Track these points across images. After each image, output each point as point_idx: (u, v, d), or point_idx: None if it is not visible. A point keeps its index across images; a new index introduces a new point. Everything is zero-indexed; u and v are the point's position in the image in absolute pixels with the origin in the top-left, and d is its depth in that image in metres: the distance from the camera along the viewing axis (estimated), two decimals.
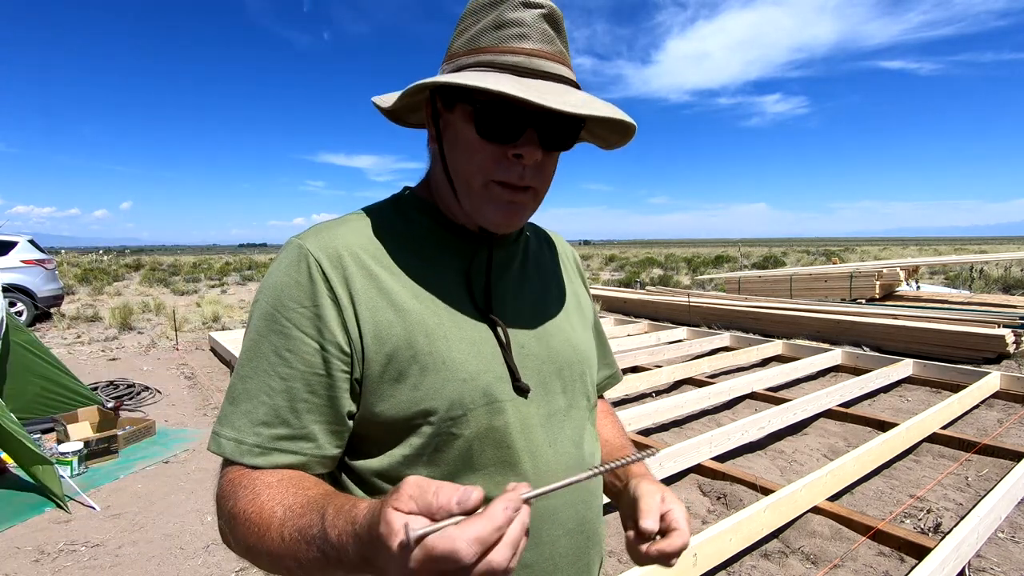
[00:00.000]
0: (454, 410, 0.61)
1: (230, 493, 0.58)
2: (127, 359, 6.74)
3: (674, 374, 5.09)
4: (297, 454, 0.60)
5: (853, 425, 4.00)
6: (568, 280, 0.82)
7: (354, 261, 0.63)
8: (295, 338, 0.59)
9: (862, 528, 2.52)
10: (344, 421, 0.62)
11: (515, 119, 0.59)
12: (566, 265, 0.85)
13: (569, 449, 0.69)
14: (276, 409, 0.59)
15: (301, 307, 0.60)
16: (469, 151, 0.62)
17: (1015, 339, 5.77)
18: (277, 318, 0.60)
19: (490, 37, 0.61)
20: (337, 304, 0.60)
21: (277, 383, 0.59)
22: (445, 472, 0.61)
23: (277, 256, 0.65)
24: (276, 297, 0.61)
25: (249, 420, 0.59)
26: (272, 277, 0.62)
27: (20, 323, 4.04)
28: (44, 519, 2.84)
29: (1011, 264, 16.53)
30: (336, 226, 0.66)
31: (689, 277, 18.84)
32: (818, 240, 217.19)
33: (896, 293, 10.23)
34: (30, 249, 8.98)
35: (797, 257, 29.89)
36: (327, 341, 0.59)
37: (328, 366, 0.59)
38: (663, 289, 12.40)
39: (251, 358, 0.61)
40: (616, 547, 2.51)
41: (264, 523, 0.54)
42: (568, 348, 0.72)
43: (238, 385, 0.61)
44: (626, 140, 0.69)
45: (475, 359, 0.63)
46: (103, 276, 19.99)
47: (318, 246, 0.62)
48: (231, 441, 0.59)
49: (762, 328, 7.90)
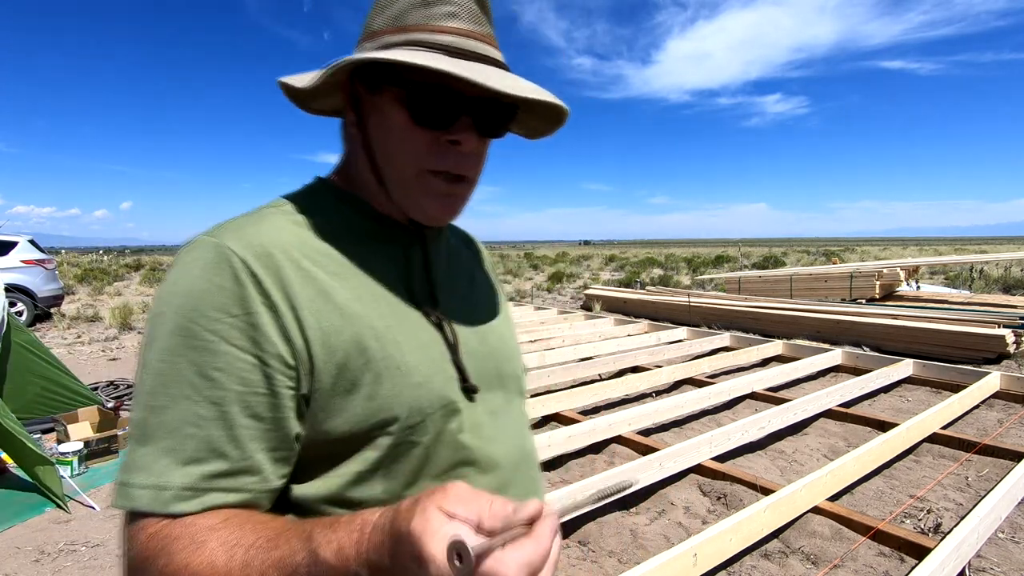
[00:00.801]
0: (413, 417, 0.56)
1: (157, 551, 0.46)
2: (127, 359, 6.75)
3: (674, 374, 5.09)
4: (239, 491, 0.50)
5: (853, 425, 4.00)
6: (490, 276, 0.80)
7: (287, 260, 0.54)
8: (225, 353, 0.49)
9: (862, 528, 2.52)
10: (292, 445, 0.53)
11: (451, 103, 0.55)
12: (486, 260, 0.82)
13: (516, 444, 0.67)
14: (209, 441, 0.49)
15: (229, 316, 0.50)
16: (400, 138, 0.57)
17: (1015, 339, 5.77)
18: (196, 331, 0.49)
19: (418, 15, 0.56)
20: (274, 310, 0.51)
21: (207, 410, 0.49)
22: (402, 483, 0.56)
23: (178, 259, 0.54)
24: (192, 307, 0.50)
25: (173, 460, 0.48)
26: (180, 284, 0.51)
27: (20, 323, 4.04)
28: (44, 519, 2.84)
29: (1011, 264, 16.53)
30: (256, 221, 0.57)
31: (689, 277, 18.84)
32: (818, 240, 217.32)
33: (896, 293, 10.23)
34: (30, 249, 8.98)
35: (797, 257, 29.89)
36: (267, 354, 0.51)
37: (271, 383, 0.51)
38: (663, 289, 12.40)
39: (165, 384, 0.49)
40: (616, 547, 2.51)
41: (222, 572, 0.44)
42: (503, 345, 0.71)
43: (150, 419, 0.49)
44: (553, 129, 0.66)
45: (427, 362, 0.59)
46: (103, 276, 19.99)
47: (241, 244, 0.53)
48: (147, 489, 0.47)
49: (762, 328, 7.90)
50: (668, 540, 2.56)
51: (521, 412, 0.73)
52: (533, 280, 19.81)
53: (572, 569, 2.37)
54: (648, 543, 2.54)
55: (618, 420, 3.61)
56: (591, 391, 4.35)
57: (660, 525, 2.70)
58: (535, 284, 17.72)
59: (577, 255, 41.95)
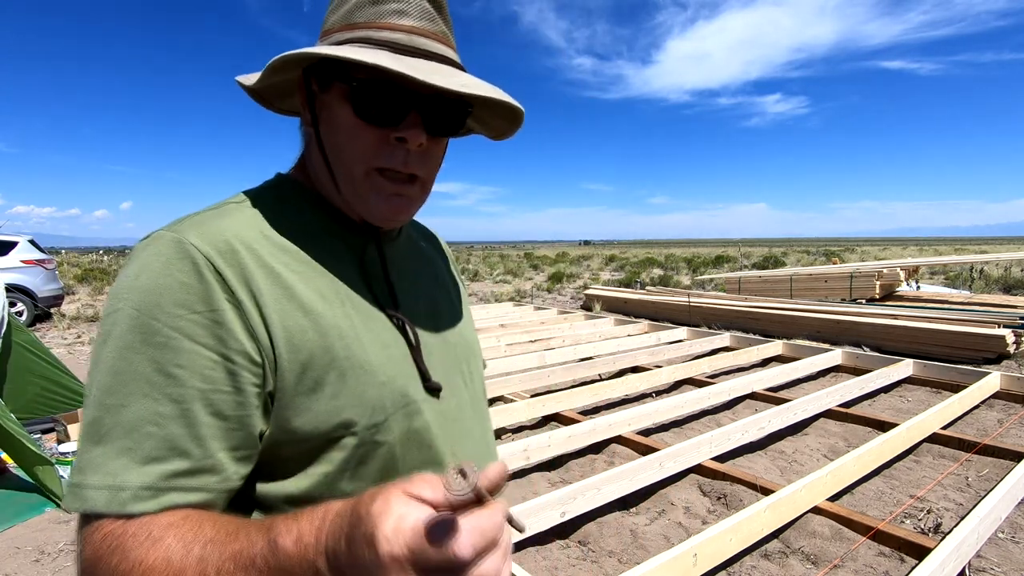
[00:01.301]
0: (376, 416, 0.55)
1: (111, 549, 0.44)
2: None
3: (674, 374, 5.08)
4: (199, 491, 0.48)
5: (853, 425, 3.99)
6: (451, 271, 0.81)
7: (251, 256, 0.53)
8: (186, 351, 0.48)
9: (862, 528, 2.51)
10: (255, 444, 0.52)
11: (397, 100, 0.55)
12: (447, 255, 0.83)
13: (481, 440, 0.68)
14: (170, 440, 0.47)
15: (192, 312, 0.49)
16: (348, 135, 0.57)
17: (1015, 339, 5.77)
18: (156, 328, 0.48)
19: (366, 12, 0.57)
20: (239, 307, 0.50)
21: (168, 407, 0.47)
22: (371, 484, 0.53)
23: (135, 254, 0.52)
24: (152, 302, 0.48)
25: (130, 459, 0.46)
26: (139, 279, 0.49)
27: (20, 323, 4.04)
28: (44, 519, 2.84)
29: (1011, 264, 16.53)
30: (218, 217, 0.56)
31: (689, 277, 18.84)
32: (818, 240, 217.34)
33: (896, 293, 10.23)
34: (30, 249, 8.98)
35: (797, 257, 29.89)
36: (232, 351, 0.49)
37: (236, 380, 0.50)
38: (663, 289, 12.40)
39: (122, 382, 0.47)
40: (616, 547, 2.51)
41: (176, 568, 0.43)
42: (463, 342, 0.71)
43: (105, 419, 0.47)
44: (514, 129, 0.66)
45: (389, 361, 0.58)
46: (103, 276, 20.00)
47: (204, 239, 0.51)
48: (103, 490, 0.45)
49: (762, 328, 7.90)
50: (668, 540, 2.56)
51: (485, 408, 0.74)
52: (533, 280, 19.81)
53: (572, 569, 2.37)
54: (648, 543, 2.54)
55: (618, 420, 3.61)
56: (591, 391, 4.35)
57: (660, 525, 2.70)
58: (535, 284, 17.72)
59: (577, 255, 41.96)
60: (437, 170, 0.63)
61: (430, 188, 0.63)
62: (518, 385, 4.70)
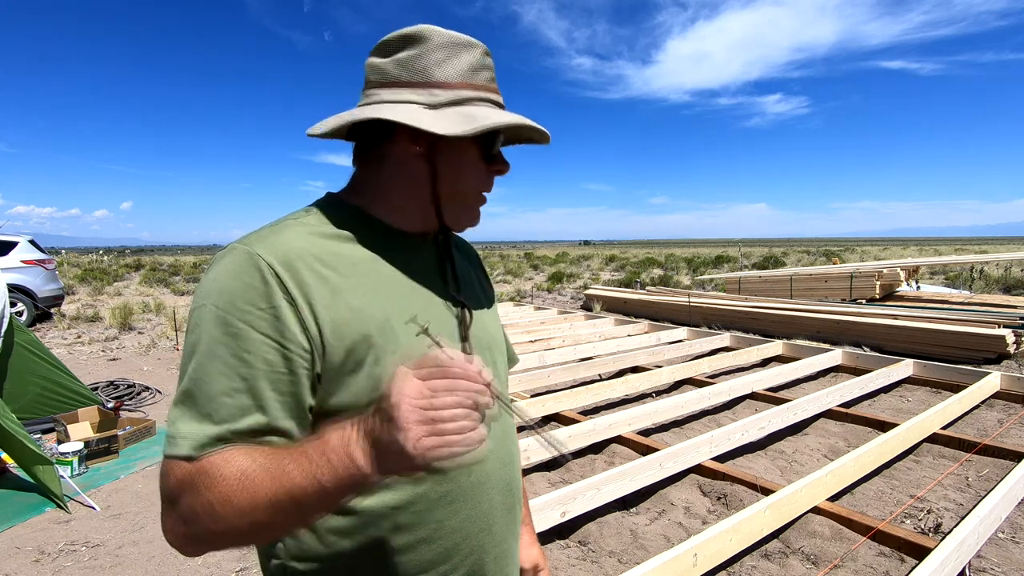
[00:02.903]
0: None
1: (200, 472, 0.57)
2: (127, 359, 6.74)
3: (674, 374, 5.09)
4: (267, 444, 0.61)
5: (853, 425, 3.99)
6: (479, 275, 0.93)
7: (304, 264, 0.65)
8: (253, 339, 0.61)
9: (862, 528, 2.51)
10: (306, 415, 0.65)
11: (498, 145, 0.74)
12: (475, 260, 0.95)
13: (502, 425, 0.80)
14: (242, 407, 0.60)
15: (258, 309, 0.61)
16: (473, 172, 0.74)
17: (1015, 339, 5.77)
18: (231, 321, 0.61)
19: (479, 76, 0.73)
20: (293, 304, 0.63)
21: (239, 383, 0.60)
22: None
23: (216, 262, 0.65)
24: (228, 301, 0.61)
25: (209, 421, 0.59)
26: (218, 282, 0.63)
27: (21, 323, 4.04)
28: (44, 519, 2.84)
29: (1011, 264, 16.52)
30: (279, 232, 0.68)
31: (689, 277, 18.84)
32: (818, 240, 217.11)
33: (896, 293, 10.23)
34: (30, 249, 8.98)
35: (797, 257, 29.88)
36: (288, 340, 0.62)
37: (290, 364, 0.62)
38: (663, 289, 12.40)
39: (205, 362, 0.60)
40: (616, 547, 2.51)
41: (249, 473, 0.56)
42: (486, 335, 0.82)
43: (194, 390, 0.60)
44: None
45: (423, 347, 0.66)
46: (103, 276, 19.99)
47: (268, 251, 0.64)
48: (188, 439, 0.58)
49: (762, 328, 7.90)
50: (668, 540, 2.56)
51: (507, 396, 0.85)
52: (533, 280, 19.81)
53: (572, 569, 2.37)
54: (648, 543, 2.54)
55: (618, 420, 3.61)
56: (591, 391, 4.35)
57: (660, 525, 2.70)
58: (535, 284, 17.72)
59: (577, 255, 41.94)
60: None
61: None
62: (518, 385, 4.70)
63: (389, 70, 0.72)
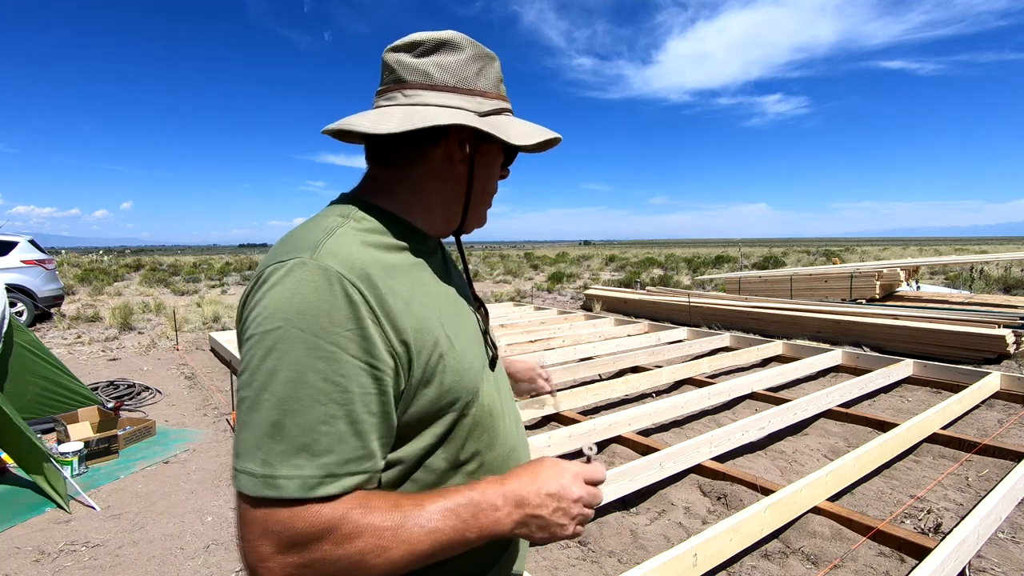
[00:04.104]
0: (467, 396, 0.70)
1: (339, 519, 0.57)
2: (127, 359, 6.74)
3: (674, 374, 5.08)
4: (363, 473, 0.59)
5: (853, 425, 3.99)
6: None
7: (379, 279, 0.63)
8: (345, 362, 0.58)
9: (862, 528, 2.51)
10: (393, 432, 0.64)
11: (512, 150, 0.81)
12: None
13: (515, 411, 0.87)
14: (340, 435, 0.57)
15: (346, 330, 0.58)
16: (494, 176, 0.80)
17: (1015, 339, 5.77)
18: (320, 344, 0.57)
19: (503, 88, 0.78)
20: (378, 323, 0.61)
21: (336, 409, 0.57)
22: (456, 448, 0.71)
23: (282, 279, 0.60)
24: (313, 323, 0.57)
25: (310, 453, 0.56)
26: (297, 302, 0.58)
27: (21, 323, 4.04)
28: (44, 519, 2.84)
29: (1011, 264, 16.52)
30: (339, 242, 0.65)
31: (689, 277, 18.84)
32: (818, 240, 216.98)
33: (896, 293, 10.23)
34: (30, 249, 8.98)
35: (797, 257, 29.88)
36: (377, 360, 0.60)
37: (380, 384, 0.60)
38: (663, 289, 12.40)
39: (297, 390, 0.56)
40: (616, 547, 2.51)
41: (396, 522, 0.58)
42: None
43: (285, 421, 0.56)
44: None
45: (473, 348, 0.74)
46: (103, 276, 19.99)
47: (343, 266, 0.61)
48: (294, 479, 0.55)
49: (762, 328, 7.90)
50: (668, 540, 2.56)
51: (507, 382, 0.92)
52: (533, 280, 19.81)
53: (572, 569, 2.37)
54: (648, 543, 2.54)
55: (618, 420, 3.61)
56: (591, 391, 4.35)
57: (660, 525, 2.70)
58: (535, 284, 17.72)
59: (577, 255, 41.93)
60: None
61: None
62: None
63: (432, 73, 0.72)
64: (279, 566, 0.55)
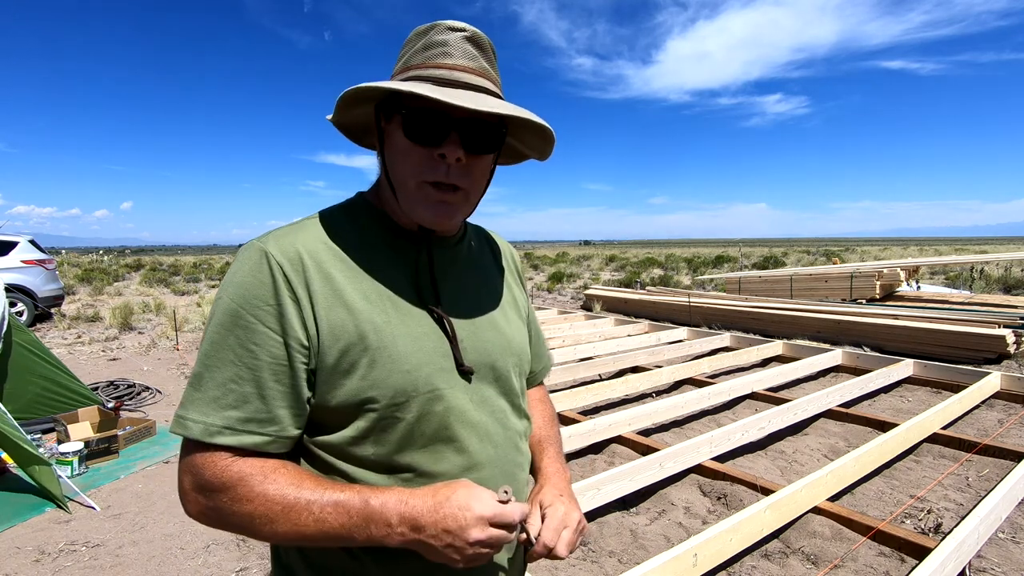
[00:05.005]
0: (398, 398, 0.69)
1: (235, 480, 0.64)
2: (127, 359, 6.74)
3: (674, 374, 5.08)
4: (265, 435, 0.66)
5: (853, 425, 3.99)
6: (507, 278, 0.91)
7: (312, 263, 0.68)
8: (261, 332, 0.65)
9: (862, 528, 2.51)
10: (304, 406, 0.68)
11: (438, 123, 0.67)
12: (508, 264, 0.94)
13: (498, 428, 0.78)
14: (245, 395, 0.65)
15: (266, 305, 0.65)
16: (403, 155, 0.70)
17: (1015, 339, 5.77)
18: (242, 314, 0.65)
19: (419, 57, 0.71)
20: (297, 303, 0.66)
21: (245, 372, 0.65)
22: (389, 450, 0.70)
23: (238, 257, 0.69)
24: (241, 295, 0.66)
25: (218, 405, 0.64)
26: (236, 277, 0.67)
27: (21, 323, 4.04)
28: (44, 519, 2.84)
29: (1011, 264, 16.52)
30: (295, 231, 0.72)
31: (689, 277, 18.84)
32: (818, 240, 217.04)
33: (897, 293, 10.22)
34: (30, 249, 8.98)
35: (797, 257, 29.87)
36: (289, 336, 0.66)
37: (290, 359, 0.66)
38: (663, 289, 12.40)
39: (217, 350, 0.65)
40: (616, 547, 2.51)
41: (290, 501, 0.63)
42: (502, 340, 0.81)
43: (204, 374, 0.66)
44: (549, 147, 0.78)
45: (418, 352, 0.71)
46: (103, 276, 19.99)
47: (279, 249, 0.68)
48: (199, 424, 0.64)
49: (762, 328, 7.90)
50: (668, 540, 2.56)
51: (513, 402, 0.82)
52: (533, 280, 19.81)
53: (572, 569, 2.37)
54: (648, 543, 2.54)
55: (618, 420, 3.61)
56: (591, 391, 4.35)
57: (660, 525, 2.70)
58: (535, 284, 17.72)
59: (577, 255, 41.93)
60: (483, 184, 0.74)
61: (475, 199, 0.75)
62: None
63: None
64: (194, 501, 0.66)
